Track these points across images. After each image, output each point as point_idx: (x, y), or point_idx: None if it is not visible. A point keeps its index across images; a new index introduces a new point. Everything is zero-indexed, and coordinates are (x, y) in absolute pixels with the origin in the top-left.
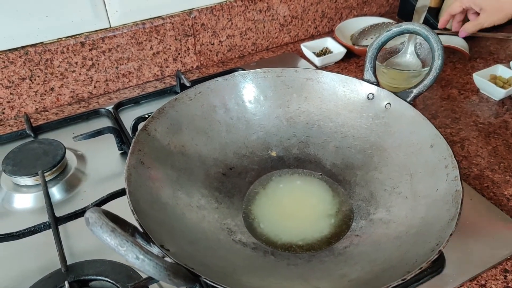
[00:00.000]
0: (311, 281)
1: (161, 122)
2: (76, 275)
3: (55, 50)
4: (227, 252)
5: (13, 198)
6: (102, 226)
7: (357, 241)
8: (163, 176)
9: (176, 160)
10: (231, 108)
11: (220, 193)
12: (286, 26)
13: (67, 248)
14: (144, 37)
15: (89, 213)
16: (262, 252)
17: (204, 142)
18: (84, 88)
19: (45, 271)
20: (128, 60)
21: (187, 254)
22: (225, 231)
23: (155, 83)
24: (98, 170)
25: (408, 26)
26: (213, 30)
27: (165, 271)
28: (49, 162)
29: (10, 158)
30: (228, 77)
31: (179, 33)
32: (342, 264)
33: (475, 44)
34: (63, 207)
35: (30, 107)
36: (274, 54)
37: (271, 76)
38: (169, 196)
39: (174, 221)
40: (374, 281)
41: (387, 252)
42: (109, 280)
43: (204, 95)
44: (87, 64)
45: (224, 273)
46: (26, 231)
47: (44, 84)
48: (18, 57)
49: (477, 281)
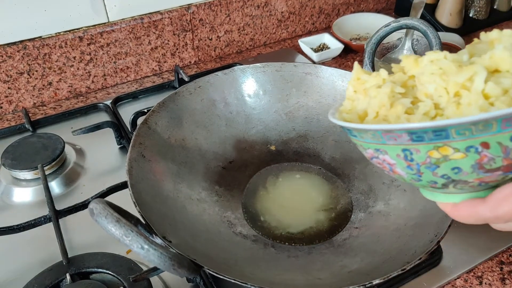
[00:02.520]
0: (312, 272)
1: (161, 116)
2: (77, 267)
3: (53, 44)
4: (228, 244)
5: (12, 192)
6: (107, 216)
7: (357, 233)
8: (164, 169)
9: (177, 154)
10: (230, 102)
11: (220, 186)
12: (283, 22)
13: (67, 242)
14: (142, 32)
15: (93, 204)
16: (262, 244)
17: (204, 136)
18: (82, 83)
19: (46, 264)
20: (126, 55)
21: (189, 246)
22: (225, 223)
23: (153, 78)
24: (97, 164)
25: (406, 21)
26: (211, 25)
27: (170, 261)
28: (48, 156)
29: (9, 152)
30: (228, 71)
31: (177, 28)
32: (342, 255)
33: (471, 40)
34: (62, 201)
35: (28, 101)
36: (272, 49)
37: (270, 71)
38: (170, 189)
39: (175, 214)
40: (374, 271)
41: (386, 243)
42: (110, 272)
43: (204, 89)
44: (85, 58)
45: (226, 264)
46: (26, 224)
47: (42, 79)
48: (16, 51)
49: (474, 272)
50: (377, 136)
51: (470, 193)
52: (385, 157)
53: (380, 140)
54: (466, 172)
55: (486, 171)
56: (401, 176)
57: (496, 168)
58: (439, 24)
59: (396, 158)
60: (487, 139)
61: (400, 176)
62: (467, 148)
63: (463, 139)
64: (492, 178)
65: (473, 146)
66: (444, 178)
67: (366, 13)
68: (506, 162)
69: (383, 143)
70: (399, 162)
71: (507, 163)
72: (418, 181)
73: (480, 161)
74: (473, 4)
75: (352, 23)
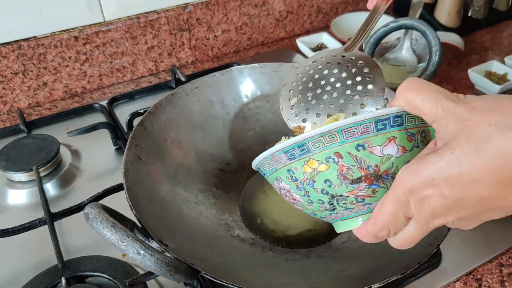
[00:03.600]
0: (311, 276)
1: (158, 117)
2: (73, 271)
3: (49, 44)
4: (226, 247)
5: (6, 194)
6: (103, 221)
7: (355, 236)
8: (160, 172)
9: (174, 156)
10: (228, 103)
11: (217, 188)
12: (281, 21)
13: (62, 245)
14: (138, 32)
15: (88, 208)
16: (260, 247)
17: (201, 137)
18: (78, 83)
19: (41, 267)
20: (122, 55)
21: (186, 249)
22: (223, 226)
23: (149, 78)
24: (93, 165)
25: (405, 21)
26: (208, 24)
27: (166, 266)
28: (44, 157)
29: (3, 153)
30: (225, 71)
31: (174, 28)
32: (341, 259)
33: (470, 40)
34: (57, 203)
35: (23, 102)
36: (269, 49)
37: (268, 71)
38: (166, 192)
39: (172, 217)
40: (373, 275)
41: (385, 246)
42: (106, 276)
43: (201, 90)
44: (80, 58)
45: (224, 268)
46: (21, 227)
47: (37, 79)
48: (11, 51)
49: (473, 275)
50: (269, 163)
51: (367, 215)
52: (282, 184)
53: (272, 167)
54: (336, 184)
55: (351, 182)
56: (300, 203)
57: (358, 178)
58: (438, 24)
59: (287, 181)
60: (337, 149)
61: (300, 204)
62: (327, 159)
63: (320, 151)
64: (363, 192)
65: (330, 156)
66: (323, 193)
67: (364, 12)
68: (363, 172)
69: (275, 169)
70: (291, 185)
71: (365, 173)
72: (311, 204)
73: (341, 171)
74: (472, 4)
75: (350, 22)
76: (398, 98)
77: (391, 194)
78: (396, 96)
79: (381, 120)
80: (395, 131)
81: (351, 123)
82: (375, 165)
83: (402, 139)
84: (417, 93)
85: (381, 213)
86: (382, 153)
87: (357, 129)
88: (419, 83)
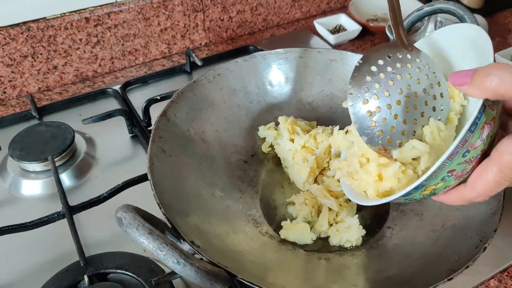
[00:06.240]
0: (347, 278)
1: (180, 107)
2: (95, 268)
3: (59, 26)
4: (255, 245)
5: (21, 185)
6: (138, 227)
7: (389, 234)
8: (185, 165)
9: (197, 147)
10: (251, 91)
11: (242, 182)
12: (297, 1)
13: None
14: (151, 13)
15: (121, 213)
16: (290, 245)
17: (224, 127)
18: (89, 67)
19: (59, 263)
20: (134, 37)
21: (216, 249)
22: (250, 222)
23: (162, 61)
24: (109, 154)
25: (441, 5)
26: (223, 5)
27: (207, 275)
28: (58, 146)
29: (17, 142)
30: (248, 57)
31: (187, 8)
32: (376, 258)
33: (493, 21)
34: (74, 194)
35: (32, 86)
36: (285, 30)
37: (293, 57)
38: (192, 186)
39: (199, 213)
40: (415, 278)
41: (423, 246)
42: (129, 273)
43: (223, 77)
44: (91, 41)
45: (257, 270)
46: (39, 221)
47: (47, 62)
48: (19, 33)
49: (508, 272)
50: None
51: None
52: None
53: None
54: (452, 183)
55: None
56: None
57: (470, 169)
58: (461, 4)
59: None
60: (449, 169)
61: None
62: (442, 179)
63: (434, 180)
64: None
65: (444, 177)
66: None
67: None
68: (473, 163)
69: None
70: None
71: (475, 163)
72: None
73: (456, 177)
74: None
75: (369, 2)
76: (484, 91)
77: (495, 165)
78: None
79: (472, 125)
80: (483, 119)
81: (453, 148)
82: (480, 151)
83: (488, 117)
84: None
85: (481, 182)
86: (482, 139)
87: (459, 147)
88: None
